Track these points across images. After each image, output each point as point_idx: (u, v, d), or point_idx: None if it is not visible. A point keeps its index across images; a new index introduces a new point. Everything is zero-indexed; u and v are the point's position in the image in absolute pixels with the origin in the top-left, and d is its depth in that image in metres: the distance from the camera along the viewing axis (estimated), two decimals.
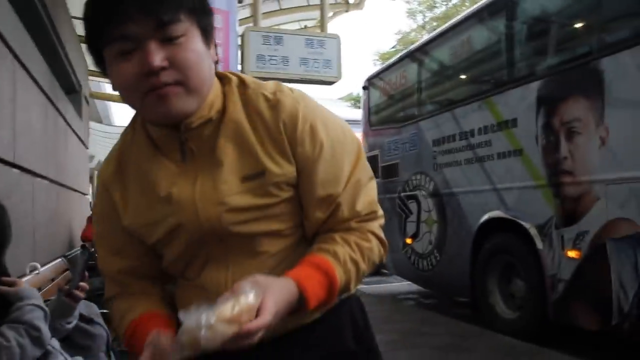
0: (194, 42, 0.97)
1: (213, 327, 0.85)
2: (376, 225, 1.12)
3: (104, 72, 1.00)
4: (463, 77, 6.33)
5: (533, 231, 4.75)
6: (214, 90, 1.05)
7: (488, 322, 5.34)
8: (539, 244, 4.68)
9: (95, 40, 0.97)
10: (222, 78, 1.09)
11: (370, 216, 1.10)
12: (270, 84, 1.09)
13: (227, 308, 0.87)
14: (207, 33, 1.01)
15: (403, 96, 7.50)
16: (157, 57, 0.92)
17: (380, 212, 1.14)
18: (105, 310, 3.00)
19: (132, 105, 1.01)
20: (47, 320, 1.83)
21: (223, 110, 1.05)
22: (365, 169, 1.12)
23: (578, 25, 4.75)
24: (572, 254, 4.33)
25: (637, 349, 4.16)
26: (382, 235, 1.12)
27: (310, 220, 1.08)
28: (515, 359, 4.09)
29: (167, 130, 1.04)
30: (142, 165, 1.08)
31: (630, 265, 3.81)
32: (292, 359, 1.12)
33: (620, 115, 3.96)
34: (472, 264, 5.62)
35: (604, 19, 4.42)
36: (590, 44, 4.44)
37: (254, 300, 0.89)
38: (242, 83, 1.08)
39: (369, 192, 1.11)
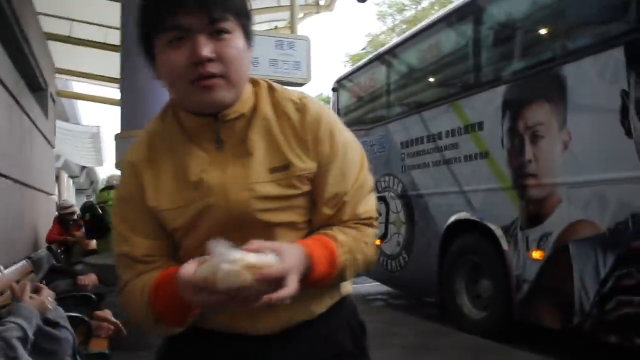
0: (238, 40, 1.08)
1: (236, 262, 0.90)
2: (371, 232, 1.21)
3: (150, 60, 1.11)
4: (431, 80, 6.41)
5: (499, 232, 4.84)
6: (247, 90, 1.16)
7: (456, 322, 5.42)
8: (505, 245, 4.77)
9: (150, 28, 1.07)
10: (253, 81, 1.20)
11: (369, 221, 1.20)
12: (296, 92, 1.22)
13: (251, 256, 0.92)
14: (248, 35, 1.11)
15: (372, 98, 7.56)
16: (206, 49, 1.02)
17: (377, 222, 1.24)
18: (72, 314, 2.97)
19: (177, 93, 1.11)
20: (27, 343, 1.80)
21: (254, 108, 1.16)
22: (368, 178, 1.23)
23: (542, 32, 4.86)
24: (536, 254, 4.43)
25: (598, 347, 4.28)
26: (375, 242, 1.23)
27: (318, 215, 1.17)
28: (481, 358, 4.17)
29: (203, 120, 1.12)
30: (174, 152, 1.15)
31: (591, 265, 3.92)
32: (295, 357, 1.18)
33: (582, 120, 4.07)
34: (439, 264, 5.70)
35: (566, 26, 4.54)
36: (553, 50, 4.56)
37: (274, 261, 0.94)
38: (270, 87, 1.20)
39: (369, 201, 1.22)
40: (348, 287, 1.28)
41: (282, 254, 0.96)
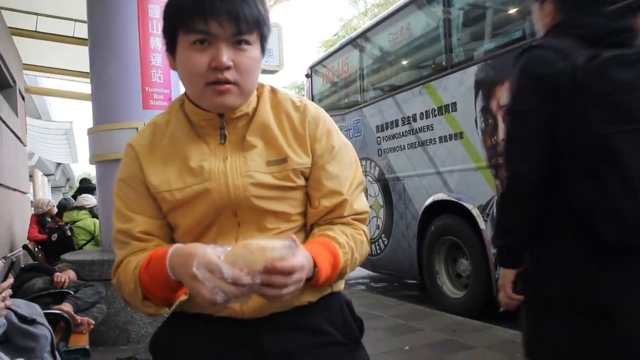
0: (255, 51, 1.17)
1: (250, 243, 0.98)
2: (365, 228, 1.31)
3: (171, 50, 1.18)
4: (404, 62, 6.42)
5: (475, 212, 4.89)
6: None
7: (437, 303, 5.49)
8: (482, 224, 4.83)
9: (178, 25, 1.14)
10: (258, 85, 1.28)
11: (363, 215, 1.30)
12: (295, 96, 1.33)
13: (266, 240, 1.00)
14: (264, 42, 1.21)
15: (346, 83, 7.56)
16: (227, 58, 1.11)
17: (368, 214, 1.35)
18: (49, 310, 2.94)
19: (191, 90, 1.19)
20: None
21: (256, 108, 1.25)
22: (362, 176, 1.34)
23: (511, 10, 4.89)
24: None
25: None
26: (368, 235, 1.32)
27: (316, 208, 1.26)
28: (462, 336, 4.23)
29: (209, 115, 1.21)
30: (177, 141, 1.24)
31: None
32: (285, 342, 1.21)
33: None
34: (419, 246, 5.75)
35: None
36: (522, 28, 4.59)
37: (286, 248, 1.00)
38: (272, 90, 1.31)
39: (363, 198, 1.33)
40: (339, 284, 1.33)
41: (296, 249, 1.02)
